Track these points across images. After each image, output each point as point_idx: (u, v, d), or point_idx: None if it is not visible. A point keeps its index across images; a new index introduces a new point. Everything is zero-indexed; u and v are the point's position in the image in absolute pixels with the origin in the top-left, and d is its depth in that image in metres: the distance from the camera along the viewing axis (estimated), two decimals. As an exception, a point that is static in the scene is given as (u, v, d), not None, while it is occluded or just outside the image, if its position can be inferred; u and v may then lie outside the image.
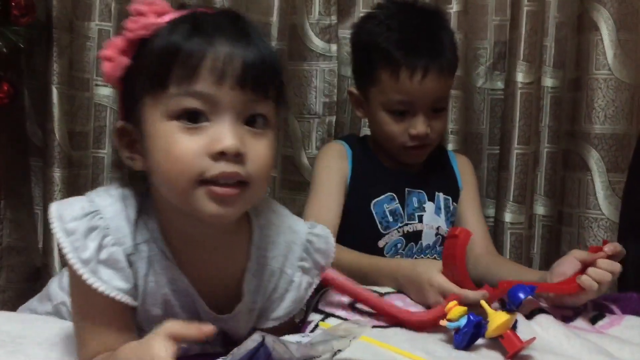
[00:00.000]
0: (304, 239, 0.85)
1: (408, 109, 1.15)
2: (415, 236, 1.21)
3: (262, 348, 0.61)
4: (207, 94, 0.68)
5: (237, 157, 0.69)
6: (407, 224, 1.21)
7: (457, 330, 0.82)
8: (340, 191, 1.19)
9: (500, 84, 1.48)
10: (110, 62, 0.72)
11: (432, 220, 1.22)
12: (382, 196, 1.19)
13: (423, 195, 1.22)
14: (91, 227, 0.72)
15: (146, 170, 0.74)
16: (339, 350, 0.66)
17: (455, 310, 0.85)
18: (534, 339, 0.82)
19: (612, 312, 0.99)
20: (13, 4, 1.16)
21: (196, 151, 0.68)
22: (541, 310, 0.92)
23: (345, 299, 0.91)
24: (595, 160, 1.33)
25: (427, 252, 1.22)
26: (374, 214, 1.19)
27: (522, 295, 0.83)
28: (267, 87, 0.72)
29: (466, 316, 0.83)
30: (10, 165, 1.32)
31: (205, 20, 0.71)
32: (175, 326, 0.64)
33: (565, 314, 0.96)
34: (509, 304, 0.84)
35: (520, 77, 1.39)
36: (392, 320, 0.87)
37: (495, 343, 0.81)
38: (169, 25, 0.71)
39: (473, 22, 1.47)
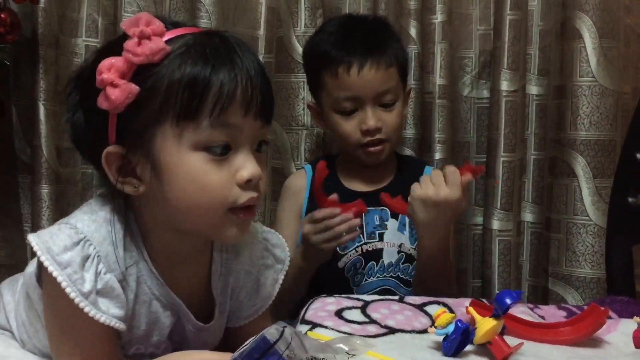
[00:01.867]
0: (261, 237, 0.88)
1: (356, 107, 1.18)
2: (376, 255, 1.22)
3: (262, 340, 0.61)
4: (235, 125, 0.70)
5: (257, 183, 0.72)
6: (366, 243, 1.22)
7: (446, 337, 0.82)
8: (295, 224, 1.24)
9: (486, 93, 1.49)
10: (115, 88, 0.68)
11: (393, 237, 1.23)
12: None
13: (386, 212, 1.23)
14: (84, 256, 0.70)
15: (141, 195, 0.73)
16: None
17: (443, 317, 0.86)
18: (522, 344, 0.83)
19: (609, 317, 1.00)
20: (-1, 21, 1.15)
21: (227, 182, 0.71)
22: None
23: (332, 308, 0.91)
24: (581, 167, 1.34)
25: (389, 269, 1.23)
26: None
27: (508, 301, 0.84)
28: (272, 113, 0.75)
29: (454, 323, 0.83)
30: (-1, 182, 1.32)
31: (217, 47, 0.71)
32: None
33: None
34: (495, 310, 0.84)
35: (504, 86, 1.40)
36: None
37: (484, 349, 0.81)
38: (179, 52, 0.69)
39: (458, 32, 1.48)
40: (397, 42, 1.24)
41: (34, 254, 1.28)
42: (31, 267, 0.81)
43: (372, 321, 0.88)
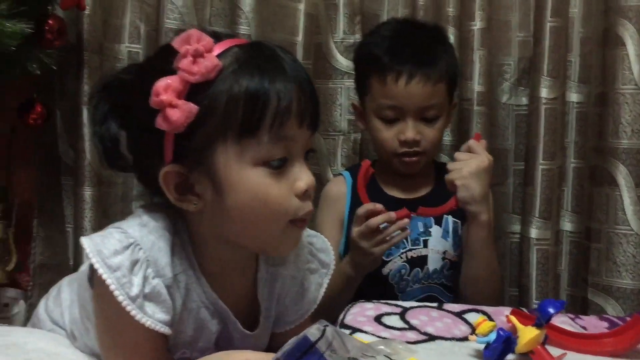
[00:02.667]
0: (306, 242, 0.88)
1: (398, 116, 1.18)
2: (420, 261, 1.21)
3: (303, 339, 0.62)
4: (292, 137, 0.71)
5: (311, 192, 0.74)
6: (410, 250, 1.21)
7: (487, 345, 0.82)
8: (337, 231, 1.24)
9: (524, 100, 1.48)
10: (175, 109, 0.67)
11: (438, 244, 1.22)
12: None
13: (429, 219, 1.23)
14: (133, 260, 0.71)
15: (198, 210, 0.73)
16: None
17: (484, 325, 0.85)
18: (565, 354, 0.82)
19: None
20: (46, 28, 1.19)
21: (287, 194, 0.72)
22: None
23: (371, 313, 0.91)
24: (623, 176, 1.32)
25: (434, 276, 1.22)
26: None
27: (551, 310, 0.83)
28: (319, 121, 0.76)
29: (496, 331, 0.82)
30: (43, 184, 1.35)
31: (268, 59, 0.71)
32: None
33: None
34: (538, 319, 0.83)
35: (544, 93, 1.39)
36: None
37: (526, 358, 0.80)
38: (233, 68, 0.69)
39: (497, 39, 1.47)
40: (450, 56, 1.23)
41: (76, 255, 1.34)
42: (85, 266, 0.83)
43: (412, 327, 0.88)
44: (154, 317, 0.72)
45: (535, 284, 1.40)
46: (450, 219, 1.23)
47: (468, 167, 1.11)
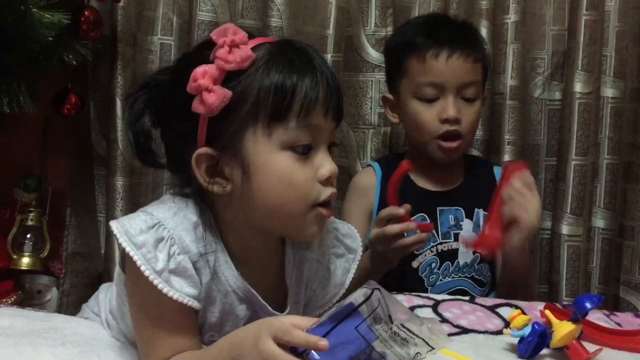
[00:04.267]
0: (331, 227, 0.90)
1: (438, 94, 1.17)
2: (451, 255, 1.21)
3: (348, 304, 0.63)
4: (317, 125, 0.75)
5: (334, 179, 0.77)
6: (441, 243, 1.21)
7: (522, 339, 0.81)
8: (365, 222, 1.23)
9: (558, 95, 1.46)
10: (211, 93, 0.72)
11: (468, 238, 1.21)
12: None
13: (461, 212, 1.22)
14: (158, 238, 0.75)
15: (226, 193, 0.76)
16: (418, 354, 0.66)
17: (519, 319, 0.85)
18: (601, 349, 0.81)
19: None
20: (82, 19, 1.20)
21: (310, 179, 0.76)
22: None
23: (405, 305, 0.91)
24: (658, 172, 1.30)
25: (464, 270, 1.21)
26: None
27: (588, 305, 0.82)
28: (342, 115, 0.80)
29: (530, 325, 0.82)
30: (76, 174, 1.37)
31: (298, 55, 0.76)
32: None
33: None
34: (574, 314, 0.83)
35: (578, 87, 1.37)
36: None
37: (561, 353, 0.79)
38: (265, 60, 0.74)
39: (531, 32, 1.45)
40: (483, 45, 1.25)
41: (107, 244, 1.36)
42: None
43: (444, 320, 0.87)
44: (181, 290, 0.75)
45: (565, 281, 1.39)
46: (482, 212, 1.22)
47: (534, 206, 1.04)
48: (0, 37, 1.07)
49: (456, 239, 1.21)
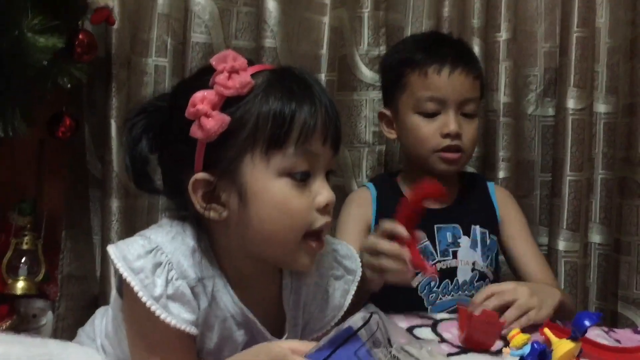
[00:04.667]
0: (330, 249, 0.90)
1: (439, 109, 1.18)
2: (450, 273, 1.20)
3: (347, 328, 0.63)
4: (316, 153, 0.75)
5: (330, 208, 0.77)
6: (440, 261, 1.20)
7: (521, 358, 0.81)
8: (362, 237, 1.18)
9: (551, 111, 1.47)
10: (209, 119, 0.72)
11: (467, 255, 1.21)
12: None
13: (458, 230, 1.22)
14: (156, 263, 0.74)
15: (222, 220, 0.76)
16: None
17: (518, 338, 0.84)
18: (600, 368, 0.80)
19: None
20: (77, 42, 1.20)
21: (307, 206, 0.76)
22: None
23: (402, 325, 0.90)
24: (653, 187, 1.30)
25: (464, 288, 1.21)
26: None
27: (587, 323, 0.82)
28: (340, 143, 0.80)
29: (530, 344, 0.81)
30: (72, 196, 1.36)
31: (297, 82, 0.76)
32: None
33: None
34: (573, 332, 0.82)
35: (571, 104, 1.38)
36: None
37: (561, 372, 0.79)
38: (264, 87, 0.75)
39: (522, 50, 1.47)
40: (479, 63, 1.27)
41: (103, 266, 1.35)
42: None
43: (444, 340, 0.87)
44: (179, 316, 0.74)
45: (564, 297, 1.38)
46: (478, 228, 1.23)
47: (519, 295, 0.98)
48: (-5, 61, 1.07)
49: (454, 256, 1.21)
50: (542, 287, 1.05)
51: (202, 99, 0.73)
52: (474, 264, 1.21)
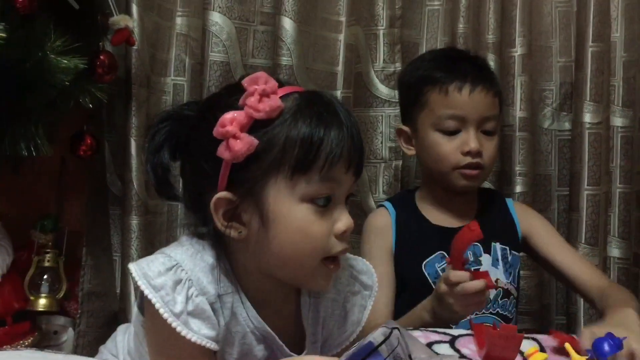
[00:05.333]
0: (346, 264, 0.89)
1: (459, 127, 1.17)
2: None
3: (368, 344, 0.63)
4: (338, 180, 0.75)
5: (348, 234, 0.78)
6: None
7: (540, 376, 0.81)
8: (387, 263, 1.21)
9: (567, 125, 1.47)
10: (238, 140, 0.72)
11: (489, 273, 1.20)
12: (432, 256, 1.19)
13: (478, 248, 1.21)
14: (176, 280, 0.75)
15: (241, 238, 0.76)
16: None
17: (536, 356, 0.84)
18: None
19: None
20: (98, 63, 1.23)
21: (327, 232, 0.76)
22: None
23: (422, 341, 0.90)
24: (672, 200, 1.29)
25: (488, 306, 1.19)
26: (427, 275, 1.18)
27: (607, 348, 0.81)
28: (362, 168, 0.80)
29: (548, 361, 0.81)
30: (92, 214, 1.38)
31: (326, 108, 0.76)
32: None
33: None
34: (592, 356, 0.82)
35: (587, 118, 1.38)
36: None
37: (581, 390, 0.78)
38: (293, 111, 0.75)
39: (538, 64, 1.47)
40: (498, 80, 1.27)
41: (123, 283, 1.36)
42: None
43: (463, 356, 0.87)
44: (199, 332, 0.75)
45: (583, 312, 1.37)
46: (499, 246, 1.22)
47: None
48: (19, 82, 1.09)
49: (480, 262, 1.20)
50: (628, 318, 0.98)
51: (231, 120, 0.73)
52: (496, 281, 1.20)
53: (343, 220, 0.76)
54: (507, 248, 1.22)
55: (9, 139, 1.12)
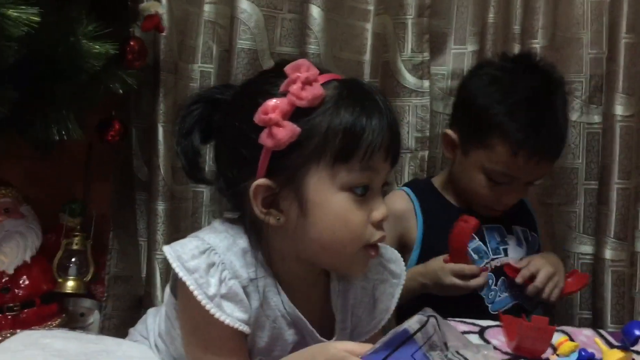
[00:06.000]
0: None
1: (507, 182, 1.17)
2: (503, 270, 1.20)
3: (403, 331, 0.63)
4: (376, 169, 0.76)
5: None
6: (493, 259, 1.20)
7: (570, 366, 0.80)
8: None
9: (597, 118, 1.45)
10: (280, 128, 0.72)
11: (516, 252, 1.22)
12: None
13: (502, 229, 1.23)
14: (210, 263, 0.76)
15: (279, 225, 0.77)
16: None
17: (565, 345, 0.84)
18: (653, 378, 0.79)
19: None
20: (128, 49, 1.23)
21: (365, 220, 0.76)
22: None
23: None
24: (702, 195, 1.28)
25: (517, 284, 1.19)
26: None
27: (637, 332, 0.80)
28: (399, 159, 0.80)
29: (577, 352, 0.81)
30: (119, 199, 1.40)
31: (366, 96, 0.76)
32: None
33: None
34: (622, 341, 0.81)
35: (619, 110, 1.36)
36: None
37: (612, 381, 0.78)
38: (335, 99, 0.74)
39: (566, 56, 1.45)
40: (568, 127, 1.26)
41: (148, 268, 1.38)
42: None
43: (493, 347, 0.86)
44: (232, 315, 0.76)
45: (610, 307, 1.36)
46: (519, 228, 1.25)
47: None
48: (52, 67, 1.10)
49: (506, 253, 1.21)
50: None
51: (274, 108, 0.73)
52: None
53: (380, 209, 0.77)
54: (527, 229, 1.25)
55: (41, 123, 1.13)
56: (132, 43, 1.23)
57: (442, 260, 1.13)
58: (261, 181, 0.76)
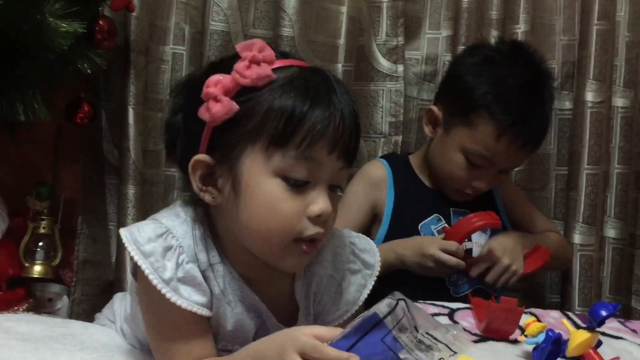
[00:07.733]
0: (347, 241, 0.88)
1: (484, 165, 1.17)
2: (468, 254, 1.21)
3: (372, 315, 0.63)
4: (318, 160, 0.73)
5: (326, 220, 0.75)
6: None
7: (536, 346, 0.81)
8: (362, 217, 1.23)
9: (568, 104, 1.46)
10: (218, 103, 0.72)
11: (479, 237, 1.23)
12: (429, 218, 1.21)
13: (468, 214, 1.22)
14: (166, 246, 0.75)
15: (217, 205, 0.76)
16: (441, 359, 0.65)
17: (533, 326, 0.85)
18: (617, 359, 0.80)
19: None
20: (97, 28, 1.21)
21: (299, 212, 0.73)
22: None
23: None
24: (669, 182, 1.30)
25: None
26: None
27: (603, 313, 0.82)
28: (355, 157, 0.77)
29: (545, 332, 0.81)
30: (88, 182, 1.37)
31: (319, 85, 0.74)
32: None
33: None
34: (589, 322, 0.82)
35: (590, 97, 1.38)
36: None
37: (578, 362, 0.79)
38: (282, 82, 0.73)
39: (540, 42, 1.46)
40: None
41: (118, 252, 1.36)
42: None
43: (462, 329, 0.87)
44: (190, 299, 0.75)
45: (578, 291, 1.38)
46: None
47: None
48: (17, 46, 1.07)
49: (469, 238, 1.21)
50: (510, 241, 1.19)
51: (216, 83, 0.72)
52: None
53: (319, 204, 0.73)
54: None
55: (5, 102, 1.10)
56: (101, 22, 1.21)
57: (432, 237, 1.15)
58: (200, 156, 0.75)
